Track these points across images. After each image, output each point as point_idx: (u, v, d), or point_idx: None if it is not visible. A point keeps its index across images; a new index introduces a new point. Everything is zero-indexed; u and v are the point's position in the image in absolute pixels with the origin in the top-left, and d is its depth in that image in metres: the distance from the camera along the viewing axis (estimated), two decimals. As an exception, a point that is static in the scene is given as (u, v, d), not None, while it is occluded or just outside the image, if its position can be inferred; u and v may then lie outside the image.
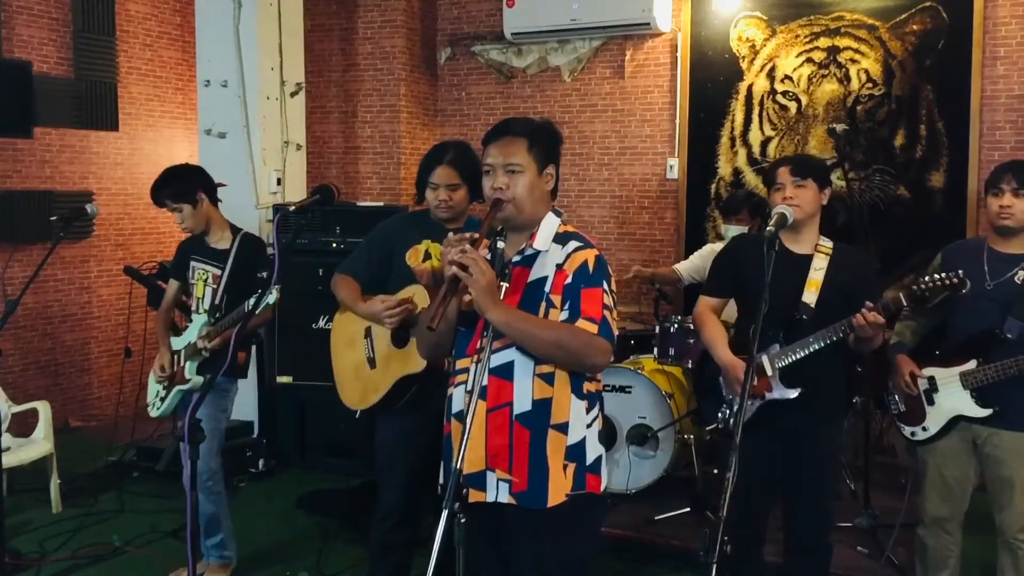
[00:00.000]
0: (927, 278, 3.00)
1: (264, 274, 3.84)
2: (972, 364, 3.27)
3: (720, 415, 3.30)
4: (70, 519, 4.78)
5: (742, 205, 5.22)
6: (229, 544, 4.12)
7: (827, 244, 3.22)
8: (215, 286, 4.02)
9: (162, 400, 4.11)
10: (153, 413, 4.20)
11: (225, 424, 4.13)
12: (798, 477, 3.22)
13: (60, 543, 4.49)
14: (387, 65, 7.18)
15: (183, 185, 3.97)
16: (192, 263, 4.12)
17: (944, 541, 3.41)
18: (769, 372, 3.15)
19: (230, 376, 3.98)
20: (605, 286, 2.40)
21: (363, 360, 3.38)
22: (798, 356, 3.12)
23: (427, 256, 3.30)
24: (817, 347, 3.08)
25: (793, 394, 3.13)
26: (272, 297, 3.48)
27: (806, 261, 3.18)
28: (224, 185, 4.18)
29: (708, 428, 3.36)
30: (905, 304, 3.06)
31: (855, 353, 3.19)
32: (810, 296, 3.13)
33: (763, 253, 3.13)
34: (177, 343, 4.09)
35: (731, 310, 3.54)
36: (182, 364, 4.02)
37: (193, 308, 4.12)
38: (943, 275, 2.99)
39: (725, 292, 3.39)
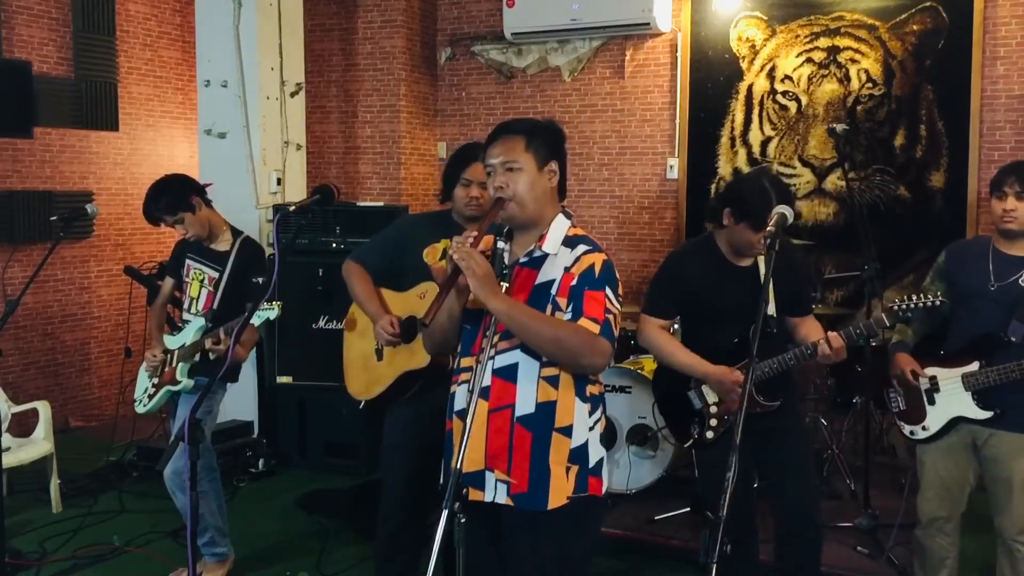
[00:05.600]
0: (908, 299, 3.08)
1: (259, 280, 3.85)
2: (975, 366, 3.25)
3: (694, 429, 3.31)
4: (70, 519, 4.78)
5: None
6: (220, 541, 4.11)
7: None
8: (211, 288, 4.01)
9: (150, 397, 4.11)
10: (139, 409, 4.20)
11: (210, 425, 4.13)
12: (778, 461, 3.27)
13: (60, 543, 4.49)
14: (387, 65, 7.17)
15: (175, 195, 3.92)
16: (188, 261, 4.10)
17: (941, 542, 3.41)
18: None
19: (221, 380, 3.98)
20: (609, 291, 2.39)
21: (371, 351, 3.40)
22: (773, 372, 3.17)
23: (444, 255, 3.31)
24: (791, 363, 3.15)
25: (775, 405, 3.20)
26: (274, 313, 3.48)
27: (753, 271, 3.21)
28: (211, 184, 4.17)
29: (685, 445, 3.40)
30: (888, 325, 3.14)
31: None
32: (771, 307, 3.17)
33: (704, 263, 3.23)
34: (171, 342, 4.08)
35: None
36: (174, 365, 4.01)
37: (186, 307, 4.12)
38: (922, 297, 3.06)
39: (672, 312, 3.38)
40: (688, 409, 3.32)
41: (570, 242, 2.45)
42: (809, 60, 6.16)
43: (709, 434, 3.25)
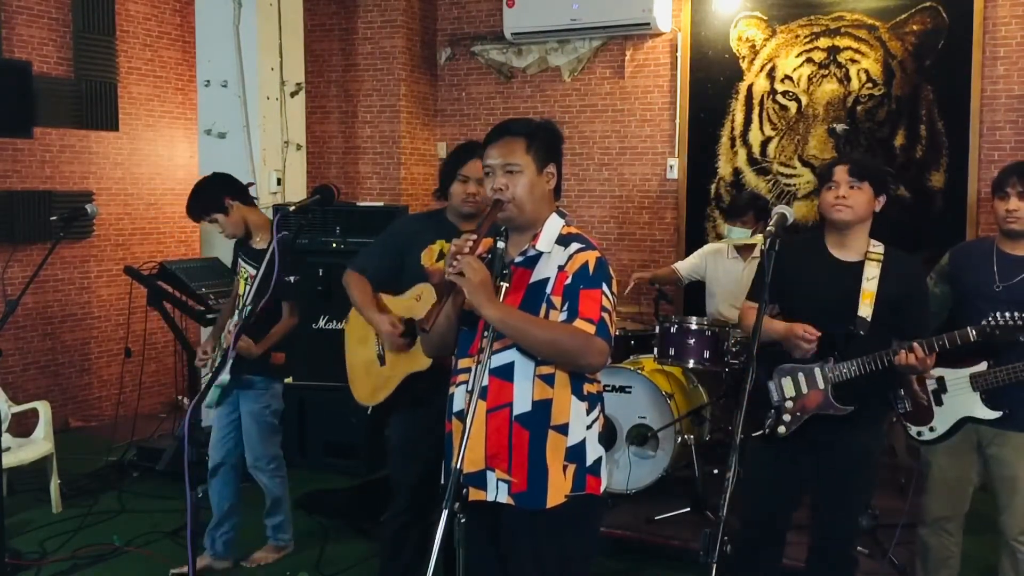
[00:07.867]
0: (1003, 316, 2.92)
1: (293, 279, 3.93)
2: (983, 366, 3.23)
3: (768, 420, 3.17)
4: (70, 519, 4.77)
5: (747, 208, 5.20)
6: (287, 527, 4.24)
7: (877, 250, 3.10)
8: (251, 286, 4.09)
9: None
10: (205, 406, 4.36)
11: (271, 417, 4.20)
12: (827, 481, 3.15)
13: (60, 543, 4.49)
14: (387, 65, 7.18)
15: (207, 197, 4.07)
16: (239, 261, 4.23)
17: (945, 541, 3.41)
18: (821, 386, 3.07)
19: (267, 376, 4.10)
20: (605, 288, 2.39)
21: (373, 357, 3.41)
22: (852, 374, 3.03)
23: (440, 256, 3.31)
24: (871, 368, 3.00)
25: (847, 410, 3.05)
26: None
27: (857, 269, 3.07)
28: (253, 184, 4.25)
29: (755, 434, 3.29)
30: (973, 340, 2.97)
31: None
32: (865, 309, 3.02)
33: (803, 257, 3.12)
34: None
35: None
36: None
37: (238, 306, 4.20)
38: (1018, 316, 2.89)
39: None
40: (764, 400, 3.20)
41: (563, 240, 2.45)
42: (809, 60, 6.17)
43: (781, 428, 3.13)
